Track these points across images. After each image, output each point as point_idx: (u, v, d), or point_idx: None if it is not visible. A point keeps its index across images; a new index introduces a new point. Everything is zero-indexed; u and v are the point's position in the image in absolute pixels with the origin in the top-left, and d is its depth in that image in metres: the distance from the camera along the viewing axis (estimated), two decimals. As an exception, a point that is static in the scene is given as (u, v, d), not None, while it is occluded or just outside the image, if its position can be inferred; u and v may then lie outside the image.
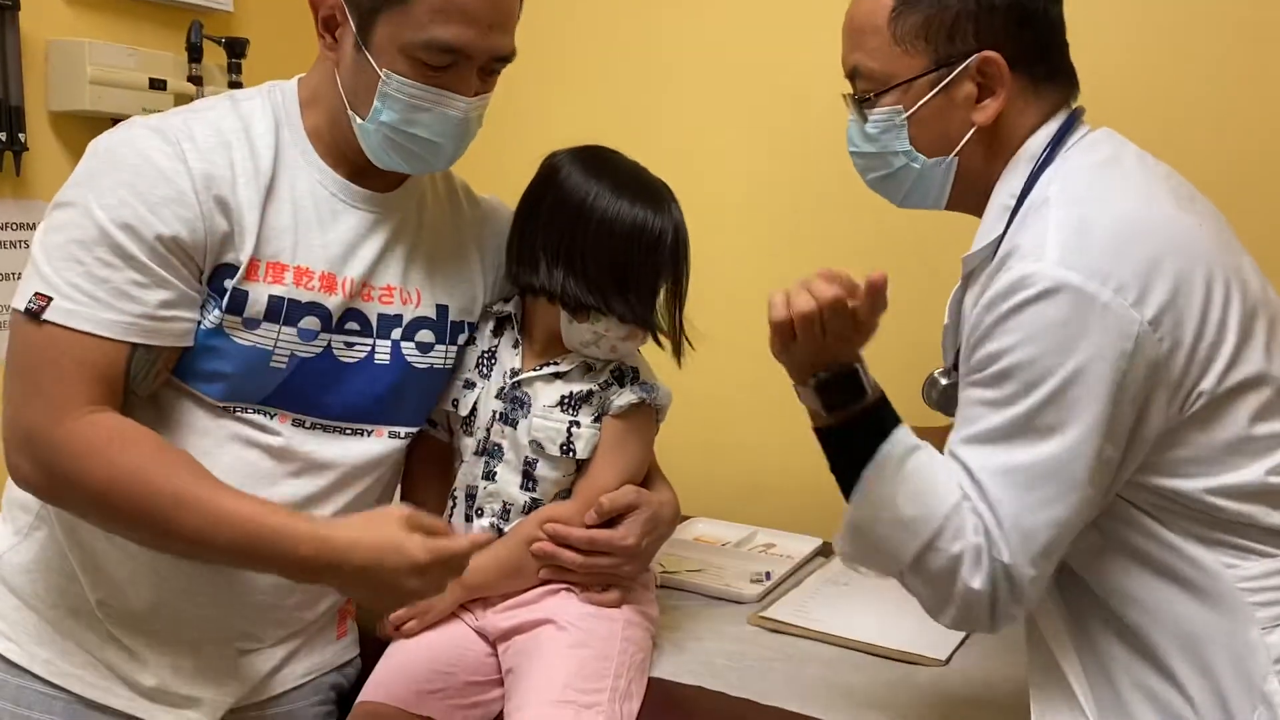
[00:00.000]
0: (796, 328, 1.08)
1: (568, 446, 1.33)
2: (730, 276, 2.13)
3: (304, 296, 1.21)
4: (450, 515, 1.40)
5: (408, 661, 1.32)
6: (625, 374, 1.36)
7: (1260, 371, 1.04)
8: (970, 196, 1.21)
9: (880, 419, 1.11)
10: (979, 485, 1.04)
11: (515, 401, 1.35)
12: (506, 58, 1.22)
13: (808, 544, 1.83)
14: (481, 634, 1.35)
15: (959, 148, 1.17)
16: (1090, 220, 1.03)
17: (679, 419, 1.61)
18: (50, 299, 1.10)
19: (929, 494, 1.05)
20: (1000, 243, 1.11)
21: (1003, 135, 1.16)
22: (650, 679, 1.34)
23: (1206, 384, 1.03)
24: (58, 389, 1.10)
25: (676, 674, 1.36)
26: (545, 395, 1.34)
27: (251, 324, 1.19)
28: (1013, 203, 1.13)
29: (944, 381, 1.24)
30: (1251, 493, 1.04)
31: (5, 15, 1.91)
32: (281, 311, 1.20)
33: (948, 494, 1.04)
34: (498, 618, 1.33)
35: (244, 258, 1.17)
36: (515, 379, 1.35)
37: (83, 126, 2.03)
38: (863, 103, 1.20)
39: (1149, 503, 1.07)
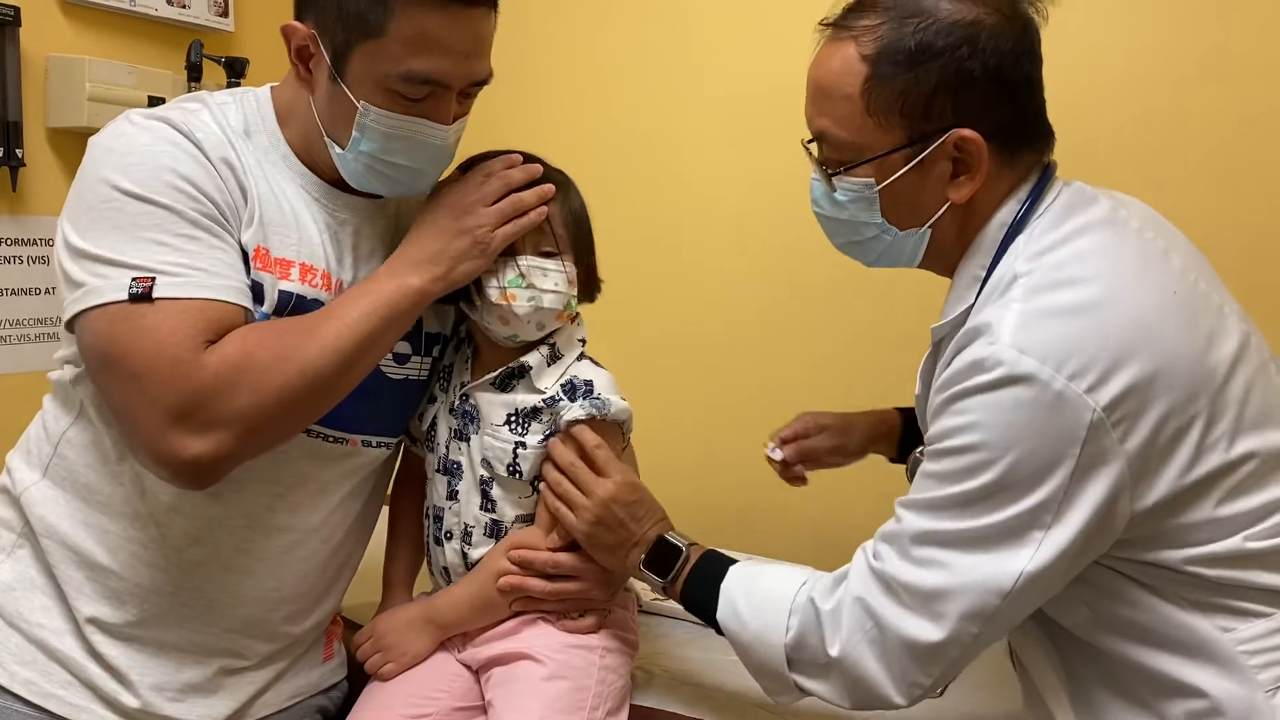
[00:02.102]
0: (592, 532, 1.26)
1: (514, 467, 1.31)
2: (724, 299, 2.14)
3: (309, 293, 1.20)
4: (427, 537, 1.40)
5: (395, 686, 1.31)
6: (577, 389, 1.32)
7: (1224, 462, 1.01)
8: (941, 261, 1.18)
9: (711, 573, 1.22)
10: (898, 541, 1.06)
11: (466, 416, 1.34)
12: (483, 81, 1.21)
13: (800, 573, 1.82)
14: (464, 664, 1.34)
15: (933, 220, 1.14)
16: (1051, 304, 1.01)
17: (670, 444, 1.61)
18: (153, 278, 1.08)
19: (767, 605, 1.15)
20: (969, 314, 1.10)
21: (976, 205, 1.12)
22: (639, 707, 1.33)
23: (1163, 482, 1.00)
24: (185, 346, 1.07)
25: (666, 703, 1.35)
26: (493, 412, 1.32)
27: (264, 320, 1.17)
28: (983, 274, 1.11)
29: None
30: (1233, 558, 1.02)
31: (5, 31, 1.92)
32: (288, 307, 1.19)
33: (786, 594, 1.14)
34: (477, 650, 1.32)
35: (250, 240, 1.17)
36: (463, 390, 1.34)
37: (80, 143, 2.01)
38: (831, 172, 1.15)
39: (1137, 573, 1.05)
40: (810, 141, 1.19)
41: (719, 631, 1.21)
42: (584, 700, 1.25)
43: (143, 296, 1.08)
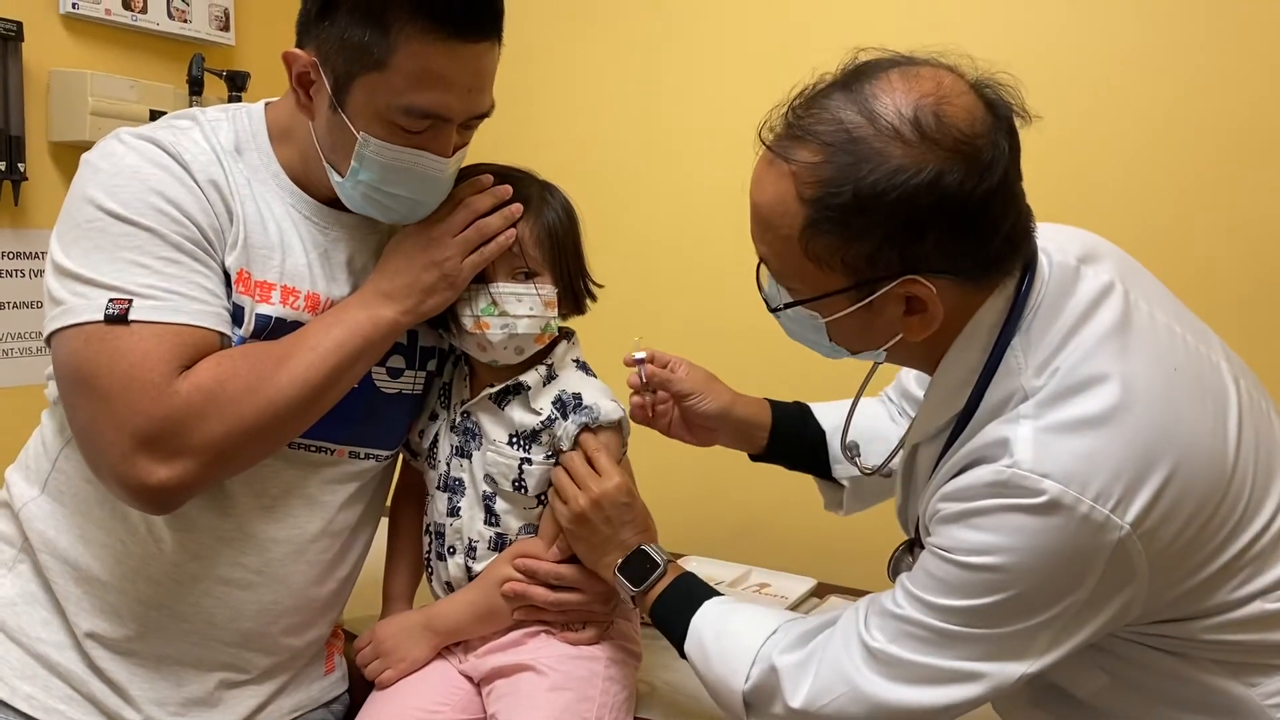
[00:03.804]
0: (576, 526, 1.26)
1: (519, 483, 1.31)
2: (728, 308, 2.14)
3: (289, 316, 1.20)
4: (428, 553, 1.40)
5: (396, 699, 1.31)
6: (567, 404, 1.31)
7: (1241, 546, 0.99)
8: (911, 361, 1.14)
9: (685, 602, 1.22)
10: (898, 624, 1.02)
11: (467, 433, 1.34)
12: (485, 114, 1.21)
13: (802, 584, 1.81)
14: (466, 675, 1.34)
15: (888, 345, 1.06)
16: (1066, 419, 0.96)
17: (672, 457, 1.60)
18: (130, 301, 1.09)
19: (732, 650, 1.14)
20: (961, 419, 1.05)
21: (946, 322, 1.02)
22: (644, 719, 1.32)
23: (1182, 579, 0.98)
24: (158, 371, 1.08)
25: (668, 716, 1.35)
26: (494, 430, 1.32)
27: (240, 343, 1.17)
28: (974, 379, 1.04)
29: (911, 559, 1.16)
30: (1253, 621, 1.00)
31: (8, 45, 1.93)
32: (267, 330, 1.18)
33: (752, 644, 1.12)
34: (479, 661, 1.32)
35: (233, 263, 1.17)
36: (463, 408, 1.34)
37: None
38: (773, 307, 1.09)
39: (1159, 642, 1.03)
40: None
41: (683, 657, 1.21)
42: (588, 711, 1.24)
43: (119, 318, 1.08)
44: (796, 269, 1.01)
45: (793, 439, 1.44)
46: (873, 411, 1.44)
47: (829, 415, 1.46)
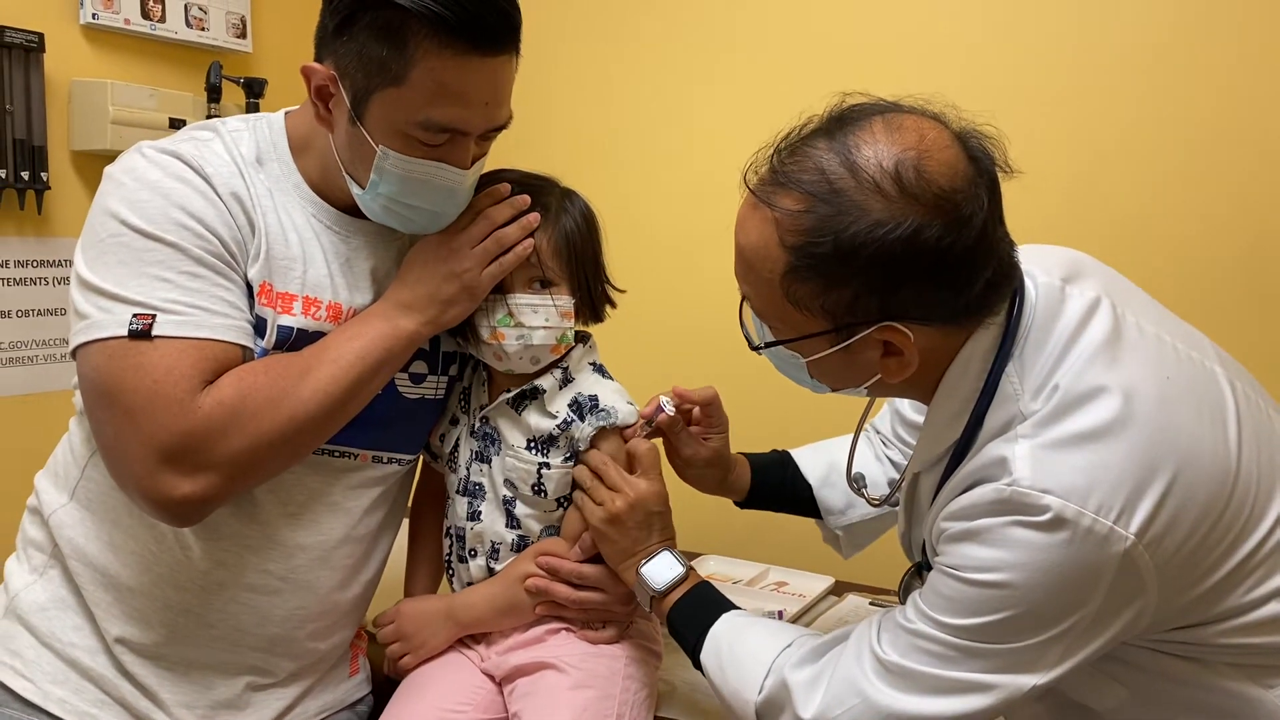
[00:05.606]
0: (608, 527, 1.25)
1: (539, 487, 1.32)
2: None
3: (311, 326, 1.21)
4: (448, 555, 1.41)
5: (418, 701, 1.32)
6: (583, 405, 1.32)
7: (1250, 549, 0.99)
8: (904, 394, 1.14)
9: (703, 611, 1.23)
10: (910, 639, 1.02)
11: (486, 438, 1.35)
12: (503, 126, 1.21)
13: (820, 582, 1.82)
14: (488, 674, 1.35)
15: (868, 384, 1.08)
16: (1064, 434, 0.96)
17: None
18: (154, 316, 1.10)
19: (747, 661, 1.14)
20: (960, 446, 1.06)
21: (933, 359, 1.04)
22: (661, 718, 1.33)
23: (1192, 586, 0.98)
24: (181, 387, 1.09)
25: (687, 714, 1.36)
26: (513, 435, 1.33)
27: (262, 355, 1.19)
28: (970, 407, 1.05)
29: (920, 583, 1.16)
30: (1268, 622, 1.00)
31: (30, 56, 1.95)
32: (289, 342, 1.20)
33: (766, 656, 1.13)
34: (501, 659, 1.33)
35: (255, 275, 1.18)
36: (482, 413, 1.36)
37: (104, 166, 2.06)
38: (754, 346, 1.11)
39: (1176, 649, 1.04)
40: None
41: (696, 665, 1.22)
42: (610, 709, 1.25)
43: (142, 334, 1.09)
44: (777, 310, 1.04)
45: (772, 495, 1.48)
46: (857, 450, 1.44)
47: (815, 465, 1.48)
